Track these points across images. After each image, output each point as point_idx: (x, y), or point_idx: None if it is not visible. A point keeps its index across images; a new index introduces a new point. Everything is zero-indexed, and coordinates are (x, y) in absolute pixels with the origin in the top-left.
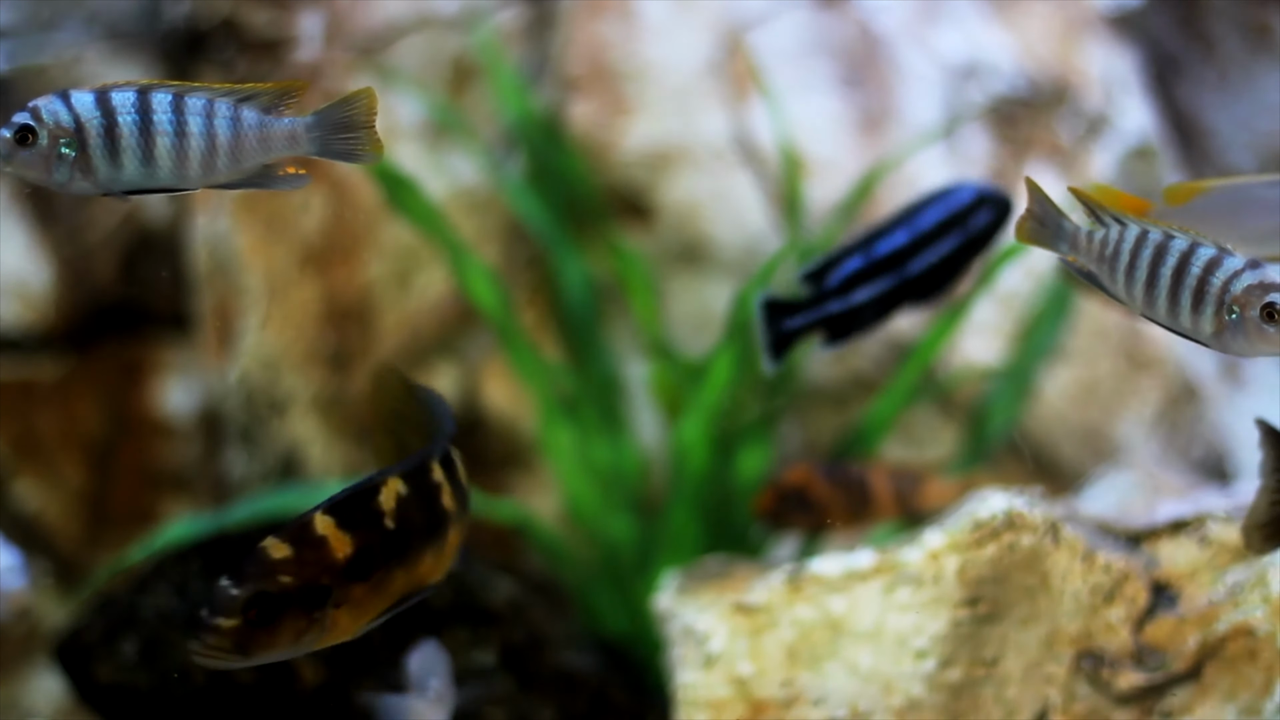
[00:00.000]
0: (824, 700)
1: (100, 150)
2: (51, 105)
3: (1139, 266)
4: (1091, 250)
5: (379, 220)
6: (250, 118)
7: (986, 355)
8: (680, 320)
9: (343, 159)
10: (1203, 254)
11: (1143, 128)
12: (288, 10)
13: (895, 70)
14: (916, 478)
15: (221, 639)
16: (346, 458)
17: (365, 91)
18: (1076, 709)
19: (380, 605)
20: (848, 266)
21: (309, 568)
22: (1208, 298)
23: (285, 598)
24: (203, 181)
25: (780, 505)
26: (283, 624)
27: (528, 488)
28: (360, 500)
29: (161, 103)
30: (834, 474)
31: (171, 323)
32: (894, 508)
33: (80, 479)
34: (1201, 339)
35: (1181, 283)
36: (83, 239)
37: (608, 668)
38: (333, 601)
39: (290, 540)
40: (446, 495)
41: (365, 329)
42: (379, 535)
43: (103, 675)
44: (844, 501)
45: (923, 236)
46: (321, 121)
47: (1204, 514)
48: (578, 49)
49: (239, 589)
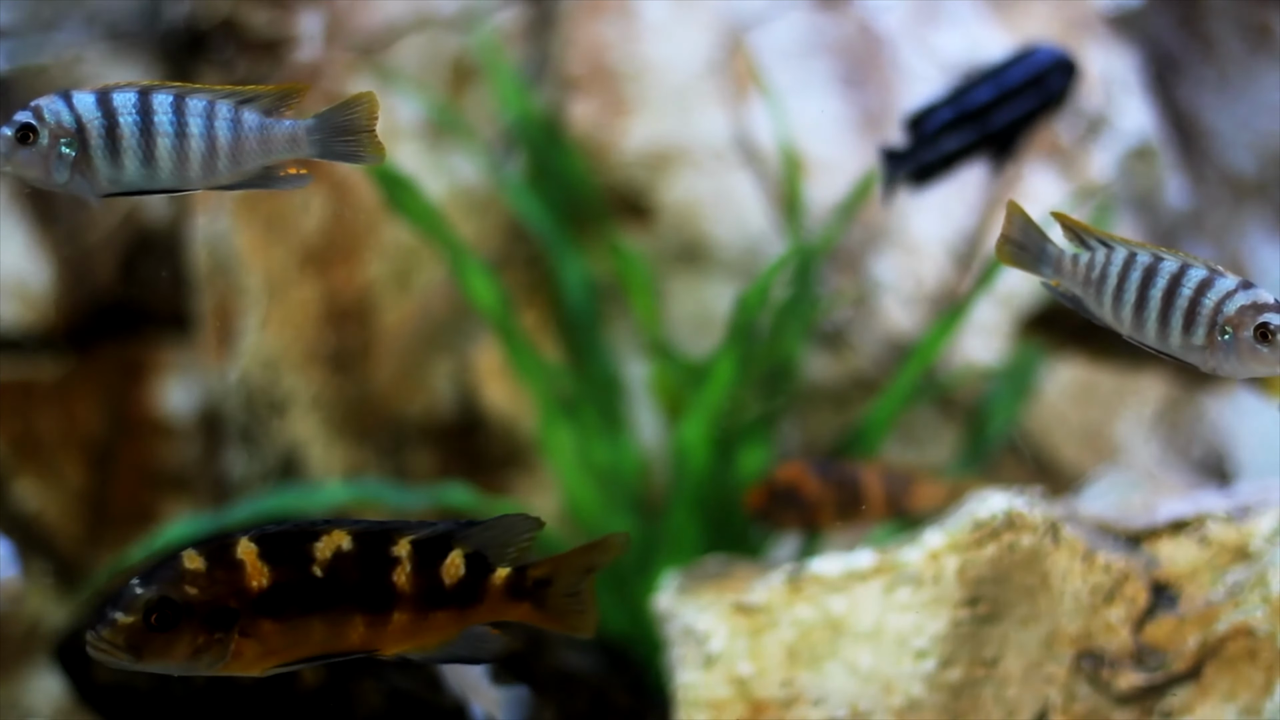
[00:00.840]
0: (824, 700)
1: (101, 151)
2: (53, 105)
3: (1127, 289)
4: (1077, 274)
5: (379, 220)
6: (251, 120)
7: (986, 355)
8: (680, 320)
9: (344, 160)
10: (1194, 275)
11: (1143, 128)
12: (288, 10)
13: (895, 70)
14: (908, 478)
15: (116, 635)
16: (346, 458)
17: (366, 95)
18: (1076, 709)
19: (294, 651)
20: (940, 116)
21: (218, 587)
22: (1199, 319)
23: (187, 609)
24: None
25: (772, 503)
26: (180, 635)
27: (528, 488)
28: (292, 539)
29: (163, 104)
30: (826, 472)
31: (171, 323)
32: (885, 508)
33: (80, 479)
34: (1192, 360)
35: (1172, 304)
36: (83, 239)
37: (608, 668)
38: (239, 629)
39: (207, 556)
40: (403, 575)
41: (365, 329)
42: (301, 579)
43: (103, 675)
44: (835, 500)
45: (1007, 93)
46: (322, 125)
47: (1204, 514)
48: (578, 49)
49: (144, 589)
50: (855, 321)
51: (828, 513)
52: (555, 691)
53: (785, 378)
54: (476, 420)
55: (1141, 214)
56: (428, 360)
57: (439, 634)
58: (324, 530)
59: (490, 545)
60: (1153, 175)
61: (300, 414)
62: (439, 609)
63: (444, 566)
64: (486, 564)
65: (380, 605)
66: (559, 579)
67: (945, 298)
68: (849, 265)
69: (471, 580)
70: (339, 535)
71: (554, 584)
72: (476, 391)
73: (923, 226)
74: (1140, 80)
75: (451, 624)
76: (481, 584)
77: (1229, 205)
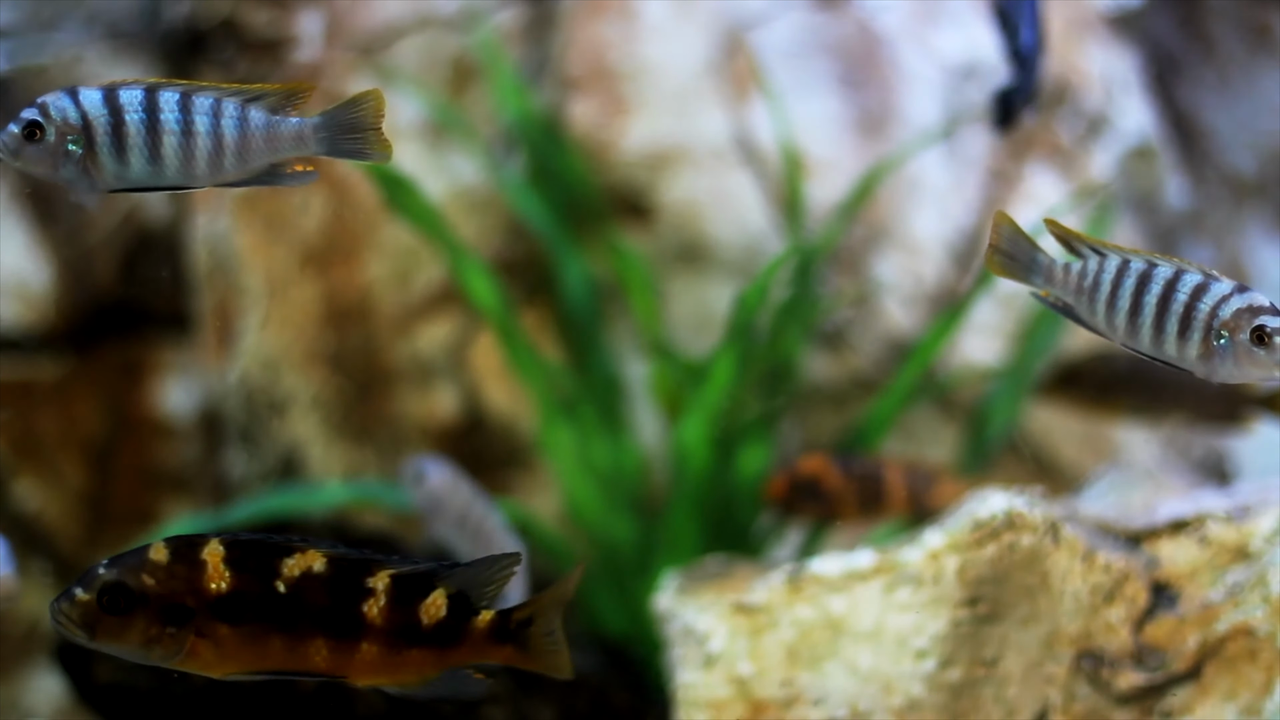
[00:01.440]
0: (824, 700)
1: (107, 148)
2: (60, 102)
3: (1121, 296)
4: (1069, 283)
5: (379, 220)
6: (257, 118)
7: (986, 355)
8: (680, 320)
9: (351, 158)
10: (1189, 280)
11: (1143, 128)
12: (288, 10)
13: (895, 70)
14: (931, 476)
15: (72, 609)
16: (346, 458)
17: (373, 93)
18: (1076, 709)
19: (251, 662)
20: (1030, 41)
21: (175, 582)
22: (1195, 323)
23: (141, 598)
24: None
25: (793, 493)
26: (133, 622)
27: (528, 488)
28: (261, 550)
29: (169, 101)
30: (849, 466)
31: (171, 323)
32: (906, 504)
33: (80, 479)
34: (1187, 365)
35: (1167, 310)
36: (83, 239)
37: (608, 668)
38: (194, 628)
39: (173, 551)
40: (375, 607)
41: (365, 329)
42: (262, 591)
43: (102, 675)
44: (857, 495)
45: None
46: (328, 122)
47: (1204, 514)
48: (578, 49)
49: (105, 572)
50: (855, 321)
51: (849, 507)
52: (555, 691)
53: (785, 378)
54: (476, 420)
55: (1141, 214)
56: (427, 360)
57: (416, 671)
58: (300, 548)
59: (472, 585)
60: (1153, 175)
61: (300, 414)
62: (415, 647)
63: (424, 605)
64: (469, 605)
65: (346, 633)
66: (539, 619)
67: (945, 298)
68: (849, 265)
69: (453, 621)
70: (313, 556)
71: (535, 625)
72: (476, 391)
73: (923, 226)
74: (1140, 80)
75: (430, 663)
76: (464, 625)
77: (1229, 205)
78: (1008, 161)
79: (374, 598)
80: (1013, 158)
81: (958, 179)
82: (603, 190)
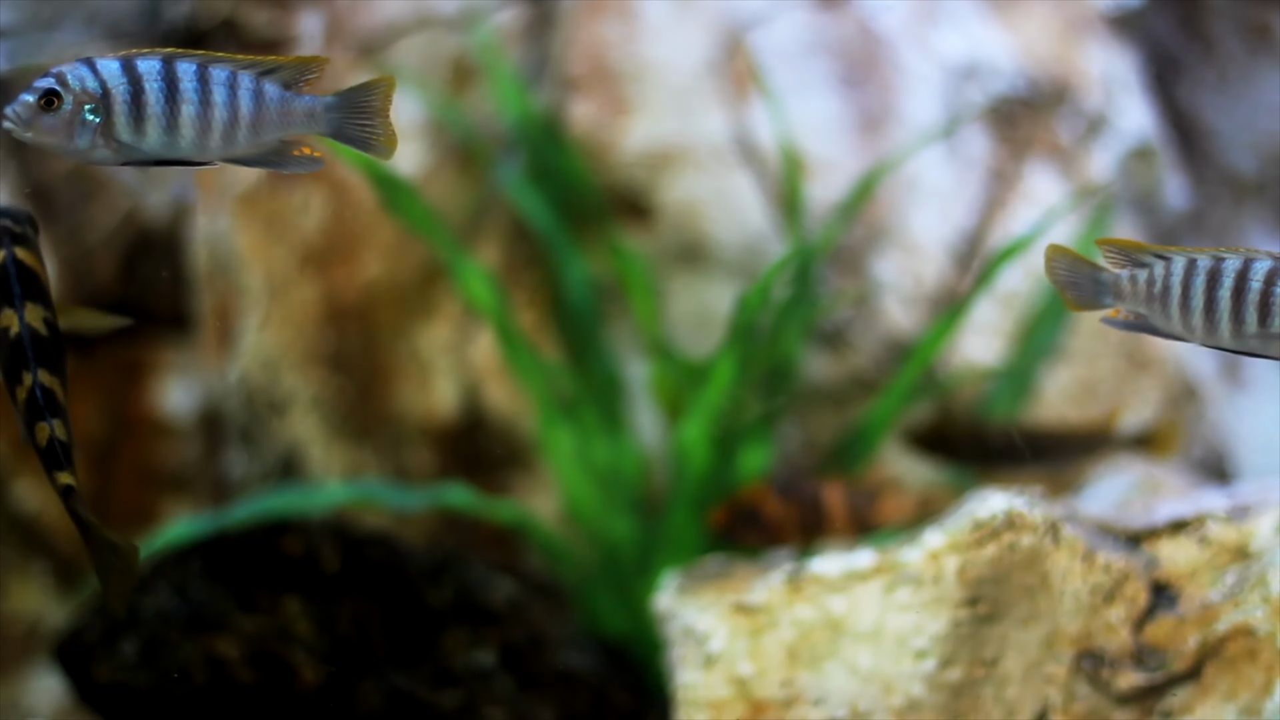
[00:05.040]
0: (824, 700)
1: (125, 117)
2: (77, 71)
3: (1193, 296)
4: (1139, 293)
5: (379, 220)
6: (273, 92)
7: (986, 355)
8: (680, 320)
9: (355, 145)
10: (1259, 267)
11: (1143, 128)
12: (288, 10)
13: (895, 70)
14: (872, 494)
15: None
16: (346, 458)
17: (386, 79)
18: (1076, 709)
19: None
20: None
21: None
22: (1274, 309)
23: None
24: (222, 153)
25: (734, 522)
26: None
27: (528, 488)
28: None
29: (187, 72)
30: (788, 491)
31: (171, 323)
32: (849, 524)
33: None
34: (1274, 352)
35: (1243, 300)
36: (83, 239)
37: (608, 668)
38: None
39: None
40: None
41: (365, 329)
42: None
43: (103, 675)
44: (798, 519)
45: None
46: (341, 103)
47: (1204, 514)
48: (578, 49)
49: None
50: (855, 321)
51: (791, 531)
52: (555, 691)
53: (785, 378)
54: (476, 420)
55: (1141, 214)
56: (427, 359)
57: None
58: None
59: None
60: (1153, 175)
61: (300, 414)
62: None
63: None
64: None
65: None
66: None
67: (945, 298)
68: (849, 265)
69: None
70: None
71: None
72: (476, 391)
73: (923, 226)
74: (1140, 80)
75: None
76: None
77: (1229, 205)
78: (1008, 161)
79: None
80: (1012, 158)
81: (958, 179)
82: (603, 190)
